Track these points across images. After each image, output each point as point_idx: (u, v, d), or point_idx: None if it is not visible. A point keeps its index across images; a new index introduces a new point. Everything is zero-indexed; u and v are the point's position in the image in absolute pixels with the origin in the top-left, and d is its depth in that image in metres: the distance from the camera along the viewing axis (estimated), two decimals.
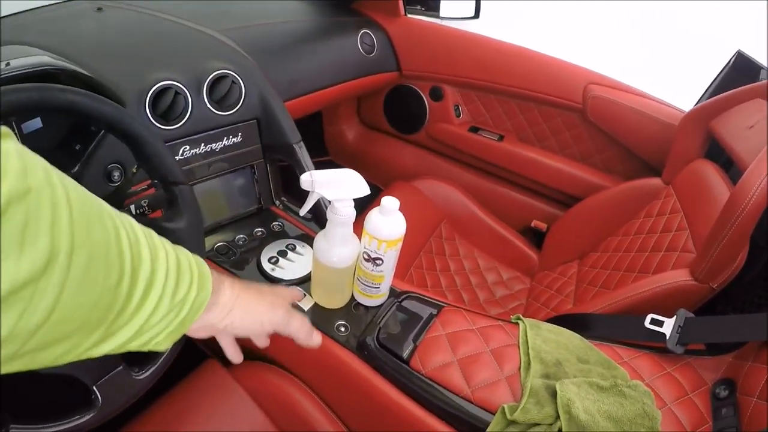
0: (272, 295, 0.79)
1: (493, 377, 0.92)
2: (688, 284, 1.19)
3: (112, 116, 0.79)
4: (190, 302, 0.60)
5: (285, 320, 0.79)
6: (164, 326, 0.57)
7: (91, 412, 0.83)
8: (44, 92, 0.71)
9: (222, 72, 1.24)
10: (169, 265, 0.57)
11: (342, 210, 0.88)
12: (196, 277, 0.61)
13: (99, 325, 0.48)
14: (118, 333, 0.52)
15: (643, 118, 1.72)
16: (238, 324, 0.73)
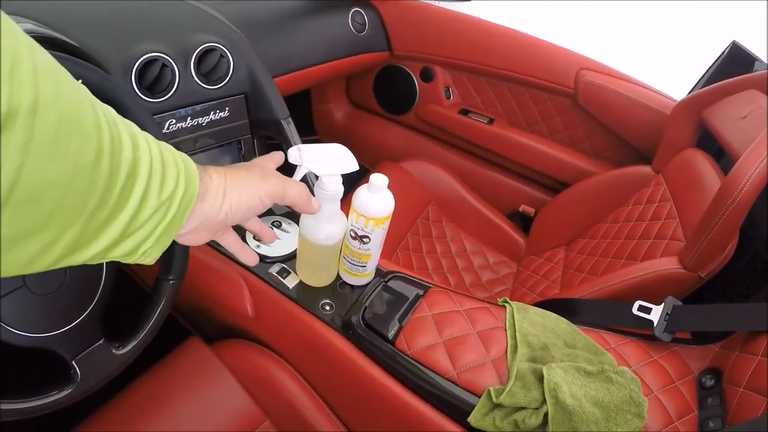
0: (259, 168, 0.75)
1: (480, 359, 0.91)
2: (676, 272, 1.19)
3: (95, 83, 0.76)
4: (178, 198, 0.55)
5: (281, 187, 0.74)
6: (153, 226, 0.53)
7: (69, 387, 0.81)
8: None
9: (210, 45, 1.22)
10: (153, 156, 0.52)
11: (330, 185, 0.86)
12: (182, 171, 0.57)
13: (76, 215, 0.44)
14: (101, 232, 0.48)
15: (635, 105, 1.72)
16: (236, 206, 0.67)
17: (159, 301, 0.90)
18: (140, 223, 0.52)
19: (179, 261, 0.91)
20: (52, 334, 0.76)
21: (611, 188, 1.71)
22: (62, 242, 0.44)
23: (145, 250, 0.55)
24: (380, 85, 2.33)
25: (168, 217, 0.55)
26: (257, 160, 0.81)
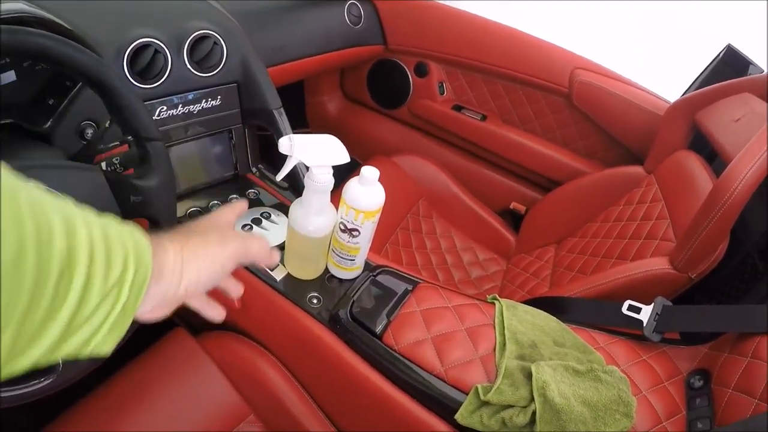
0: (216, 231, 0.71)
1: (468, 356, 0.91)
2: (666, 272, 1.19)
3: (84, 64, 0.75)
4: (128, 282, 0.50)
5: (242, 247, 0.70)
6: (103, 317, 0.48)
7: (50, 376, 0.80)
8: (14, 35, 0.68)
9: (204, 32, 1.21)
10: (94, 239, 0.47)
11: (320, 177, 0.86)
12: (131, 251, 0.52)
13: (6, 320, 0.39)
14: (40, 333, 0.43)
15: (629, 106, 1.72)
16: (195, 279, 0.63)
17: None
18: (86, 316, 0.47)
19: None
20: None
21: (603, 188, 1.71)
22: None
23: (98, 341, 0.50)
24: (374, 78, 2.32)
25: (119, 304, 0.50)
26: (215, 217, 0.78)
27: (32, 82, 0.98)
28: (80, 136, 0.98)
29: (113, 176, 0.82)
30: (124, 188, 0.82)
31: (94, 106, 0.95)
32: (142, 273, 0.52)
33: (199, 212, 1.22)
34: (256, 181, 1.36)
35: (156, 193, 0.85)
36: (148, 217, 0.87)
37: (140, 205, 0.84)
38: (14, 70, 0.95)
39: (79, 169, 0.79)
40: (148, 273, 0.54)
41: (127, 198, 0.82)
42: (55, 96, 0.95)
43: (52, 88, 0.98)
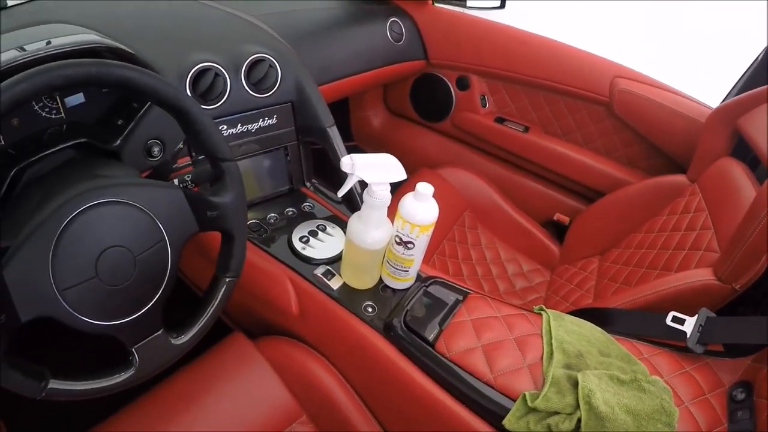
0: None
1: (516, 364, 0.94)
2: (710, 284, 1.19)
3: (165, 92, 0.80)
4: None
5: None
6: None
7: (127, 372, 0.85)
8: (102, 67, 0.73)
9: (260, 56, 1.27)
10: None
11: (379, 193, 0.90)
12: None
13: None
14: None
15: (670, 113, 1.71)
16: None
17: (216, 296, 0.94)
18: None
19: (237, 260, 0.95)
20: (116, 322, 0.80)
21: (646, 198, 1.70)
22: None
23: None
24: (417, 93, 2.35)
25: None
26: None
27: (100, 104, 1.04)
28: (148, 154, 1.03)
29: (191, 194, 0.87)
30: (201, 204, 0.87)
31: (160, 126, 1.02)
32: None
33: (258, 224, 1.26)
34: (311, 195, 1.40)
35: (230, 208, 0.90)
36: (222, 229, 0.92)
37: (216, 220, 0.89)
38: (83, 93, 1.01)
39: (161, 186, 0.84)
40: None
41: (204, 213, 0.88)
42: (122, 116, 1.01)
43: (120, 109, 1.04)
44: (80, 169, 0.87)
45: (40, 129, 0.97)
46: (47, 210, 0.73)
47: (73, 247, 0.74)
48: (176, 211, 0.85)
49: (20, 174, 0.88)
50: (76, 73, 0.71)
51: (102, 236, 0.76)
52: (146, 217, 0.81)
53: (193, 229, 0.88)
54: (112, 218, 0.77)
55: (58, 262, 0.72)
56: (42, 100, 0.97)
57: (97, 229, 0.76)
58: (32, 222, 0.72)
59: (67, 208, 0.74)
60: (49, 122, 0.99)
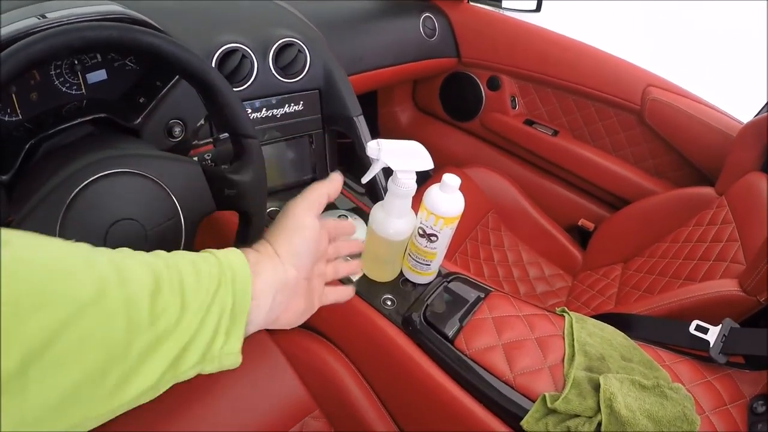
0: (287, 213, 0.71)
1: (536, 365, 0.92)
2: (735, 295, 1.18)
3: (190, 62, 0.79)
4: (229, 288, 0.55)
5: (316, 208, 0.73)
6: (214, 327, 0.53)
7: None
8: (125, 32, 0.72)
9: (289, 40, 1.26)
10: (180, 265, 0.53)
11: (404, 181, 0.88)
12: (224, 262, 0.57)
13: (107, 352, 0.44)
14: (152, 355, 0.48)
15: (701, 125, 1.70)
16: (295, 251, 0.67)
17: None
18: (193, 329, 0.51)
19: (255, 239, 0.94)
20: None
21: (673, 208, 1.69)
22: (109, 379, 0.44)
23: (219, 350, 0.54)
24: (446, 91, 2.35)
25: (227, 310, 0.54)
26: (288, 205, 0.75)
27: (122, 81, 1.03)
28: (168, 133, 1.02)
29: (210, 169, 0.86)
30: (219, 182, 0.86)
31: (182, 105, 1.00)
32: (241, 278, 0.57)
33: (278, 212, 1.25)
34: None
35: (250, 188, 0.88)
36: (240, 210, 0.91)
37: (234, 199, 0.87)
38: (105, 69, 1.00)
39: (179, 160, 0.83)
40: (248, 274, 0.58)
41: (222, 191, 0.86)
42: (145, 94, 1.00)
43: (142, 87, 1.02)
44: (97, 142, 0.86)
45: (59, 104, 0.96)
46: (58, 178, 0.72)
47: (83, 217, 0.72)
48: (193, 187, 0.83)
49: (36, 147, 0.87)
50: (97, 36, 0.70)
51: (113, 208, 0.75)
52: (161, 190, 0.79)
53: (210, 208, 0.86)
54: (125, 190, 0.76)
55: (66, 232, 0.71)
56: (63, 74, 0.96)
57: (109, 200, 0.74)
58: (43, 189, 0.71)
59: (78, 176, 0.72)
60: (68, 98, 0.98)
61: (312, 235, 0.69)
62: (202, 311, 0.52)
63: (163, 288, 0.49)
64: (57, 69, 0.94)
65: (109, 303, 0.43)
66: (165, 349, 0.48)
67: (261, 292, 0.60)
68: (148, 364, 0.47)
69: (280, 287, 0.64)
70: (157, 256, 0.53)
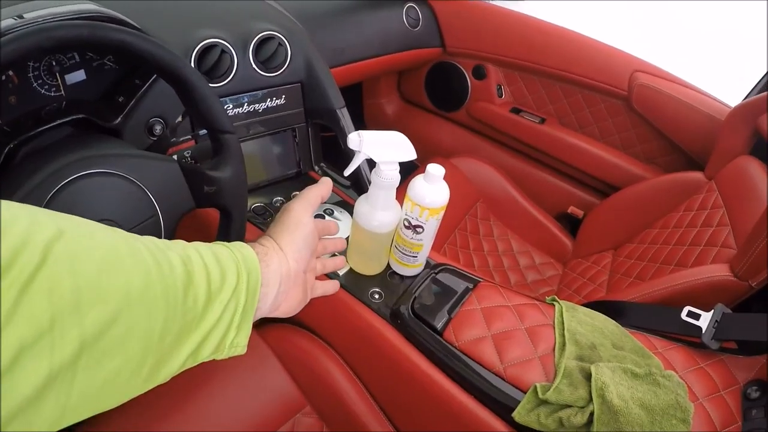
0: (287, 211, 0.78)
1: (527, 355, 0.91)
2: (726, 280, 1.17)
3: (163, 58, 0.78)
4: (244, 287, 0.60)
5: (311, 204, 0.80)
6: (228, 321, 0.58)
7: None
8: (96, 30, 0.71)
9: (269, 33, 1.25)
10: (207, 262, 0.56)
11: (387, 173, 0.87)
12: (242, 263, 0.61)
13: (150, 336, 0.47)
14: (179, 346, 0.52)
15: (689, 110, 1.69)
16: (296, 247, 0.73)
17: None
18: (212, 323, 0.55)
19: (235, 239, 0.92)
20: None
21: (662, 193, 1.69)
22: (146, 366, 0.47)
23: (230, 342, 0.59)
24: (432, 81, 2.33)
25: (240, 307, 0.59)
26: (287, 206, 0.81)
27: (101, 81, 1.01)
28: (149, 132, 1.01)
29: (188, 167, 0.85)
30: (198, 179, 0.84)
31: (163, 103, 0.99)
32: (254, 276, 0.62)
33: (263, 208, 1.24)
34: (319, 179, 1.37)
35: (229, 184, 0.87)
36: (220, 207, 0.90)
37: (213, 196, 0.86)
38: (84, 69, 0.99)
39: (156, 159, 0.82)
40: (259, 272, 0.63)
41: (201, 188, 0.85)
42: (124, 94, 0.98)
43: (121, 86, 1.01)
44: (76, 144, 0.84)
45: (38, 106, 0.94)
46: (35, 180, 0.71)
47: None
48: (171, 185, 0.82)
49: (16, 151, 0.85)
50: (67, 35, 0.68)
51: (90, 209, 0.74)
52: (138, 190, 0.78)
53: (189, 205, 0.85)
54: (102, 190, 0.75)
55: None
56: (41, 76, 0.94)
57: (86, 201, 0.73)
58: (20, 192, 0.70)
59: (54, 178, 0.71)
60: (47, 99, 0.96)
61: (310, 231, 0.76)
62: (222, 305, 0.56)
63: (193, 280, 0.53)
64: (35, 71, 0.92)
65: (152, 294, 0.46)
66: (191, 339, 0.53)
67: (268, 281, 0.66)
68: (176, 352, 0.52)
69: (284, 278, 0.70)
70: (185, 247, 0.56)
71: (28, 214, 0.39)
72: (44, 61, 0.93)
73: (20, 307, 0.35)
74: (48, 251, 0.38)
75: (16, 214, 0.38)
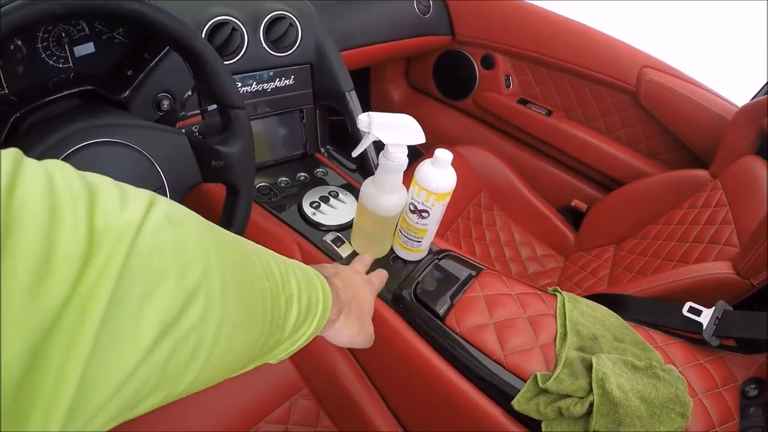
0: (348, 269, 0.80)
1: (528, 344, 0.91)
2: (728, 277, 1.18)
3: (177, 30, 0.77)
4: (320, 311, 0.61)
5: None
6: (301, 337, 0.59)
7: None
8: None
9: (280, 13, 1.24)
10: (301, 287, 0.58)
11: (396, 155, 0.87)
12: (320, 290, 0.63)
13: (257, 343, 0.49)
14: (268, 352, 0.54)
15: (697, 108, 1.69)
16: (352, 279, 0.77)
17: None
18: (293, 340, 0.57)
19: (241, 215, 0.92)
20: None
21: (666, 190, 1.69)
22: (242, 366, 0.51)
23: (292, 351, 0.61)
24: (440, 69, 2.32)
25: (312, 327, 0.60)
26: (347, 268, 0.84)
27: (110, 54, 1.01)
28: (156, 107, 1.00)
29: (196, 140, 0.84)
30: (206, 153, 0.84)
31: (171, 78, 0.99)
32: (326, 302, 0.63)
33: (268, 188, 1.24)
34: (325, 161, 1.37)
35: (237, 159, 0.87)
36: (227, 182, 0.89)
37: (221, 171, 0.86)
38: (93, 42, 0.98)
39: (165, 131, 0.82)
40: (329, 302, 0.64)
41: (209, 163, 0.85)
42: (133, 67, 0.98)
43: (131, 59, 1.01)
44: (83, 114, 0.83)
45: (45, 78, 0.94)
46: (41, 147, 0.70)
47: None
48: (179, 158, 0.82)
49: (22, 120, 0.85)
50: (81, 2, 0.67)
51: None
52: (145, 161, 0.78)
53: (196, 179, 0.85)
54: (108, 160, 0.74)
55: None
56: (50, 47, 0.93)
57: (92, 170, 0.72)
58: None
59: (61, 145, 0.71)
60: (55, 71, 0.95)
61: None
62: (305, 330, 0.59)
63: (299, 298, 0.56)
64: (44, 42, 0.92)
65: (270, 304, 0.50)
66: (276, 351, 0.56)
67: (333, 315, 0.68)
68: (262, 358, 0.54)
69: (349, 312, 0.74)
70: (295, 267, 0.59)
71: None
72: (53, 32, 0.92)
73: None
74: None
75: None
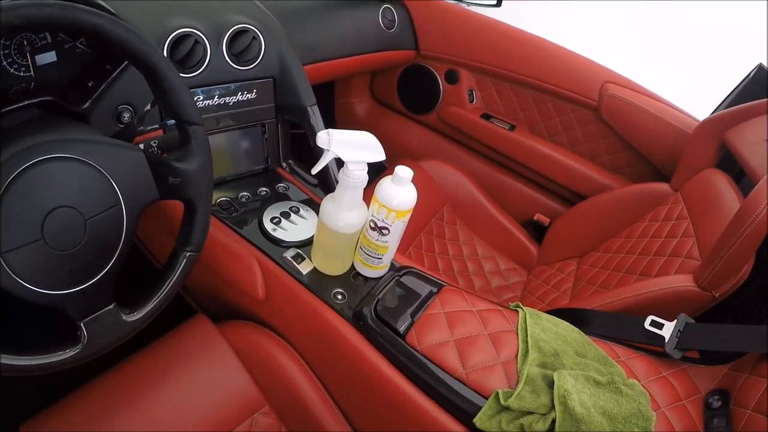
0: None
1: (489, 361, 0.91)
2: (690, 290, 1.18)
3: (133, 44, 0.76)
4: None
5: None
6: None
7: (75, 348, 0.80)
8: (66, 11, 0.68)
9: (244, 26, 1.23)
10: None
11: (355, 173, 0.87)
12: None
13: None
14: None
15: (658, 122, 1.71)
16: None
17: (174, 271, 0.89)
18: None
19: (199, 233, 0.90)
20: (63, 292, 0.75)
21: (628, 203, 1.70)
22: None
23: None
24: (404, 83, 2.33)
25: None
26: None
27: (72, 64, 0.99)
28: (117, 119, 0.99)
29: (154, 157, 0.83)
30: (163, 169, 0.83)
31: (133, 90, 0.98)
32: None
33: (229, 203, 1.23)
34: (286, 176, 1.36)
35: (195, 176, 0.86)
36: (184, 199, 0.88)
37: (178, 187, 0.85)
38: (55, 51, 0.97)
39: (121, 146, 0.80)
40: None
41: (166, 179, 0.83)
42: (94, 78, 0.97)
43: (92, 70, 0.99)
44: (40, 126, 0.81)
45: (6, 86, 0.92)
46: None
47: (18, 205, 0.68)
48: (135, 175, 0.80)
49: None
50: (38, 14, 0.66)
51: (50, 195, 0.71)
52: (101, 177, 0.76)
53: (153, 196, 0.83)
54: (63, 176, 0.72)
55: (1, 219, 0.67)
56: (11, 55, 0.92)
57: (46, 186, 0.71)
58: None
59: (13, 162, 0.68)
60: (16, 79, 0.94)
61: None
62: None
63: None
64: (5, 50, 0.90)
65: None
66: None
67: None
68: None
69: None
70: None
71: None
72: (15, 40, 0.91)
73: None
74: None
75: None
